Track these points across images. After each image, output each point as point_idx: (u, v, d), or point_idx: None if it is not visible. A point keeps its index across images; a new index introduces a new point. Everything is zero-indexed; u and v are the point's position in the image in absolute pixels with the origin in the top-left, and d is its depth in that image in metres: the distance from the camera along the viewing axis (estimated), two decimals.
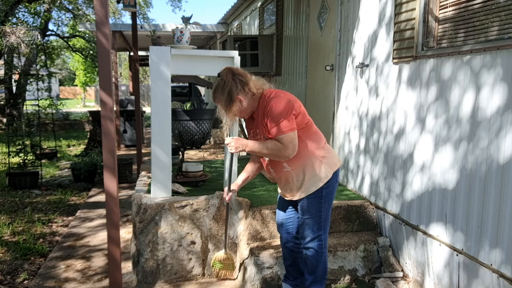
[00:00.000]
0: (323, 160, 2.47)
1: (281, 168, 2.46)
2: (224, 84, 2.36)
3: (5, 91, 13.15)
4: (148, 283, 3.24)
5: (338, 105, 4.22)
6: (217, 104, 2.46)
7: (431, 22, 2.89)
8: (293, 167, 2.43)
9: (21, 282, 3.46)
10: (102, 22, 2.70)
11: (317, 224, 2.51)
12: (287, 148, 2.30)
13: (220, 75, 2.41)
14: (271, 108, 2.30)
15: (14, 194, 6.21)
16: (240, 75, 2.39)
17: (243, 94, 2.36)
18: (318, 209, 2.49)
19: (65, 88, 40.17)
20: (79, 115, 18.81)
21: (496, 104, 2.31)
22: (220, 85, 2.39)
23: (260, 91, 2.41)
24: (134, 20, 6.64)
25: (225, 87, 2.35)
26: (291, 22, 5.75)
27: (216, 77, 2.48)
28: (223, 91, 2.36)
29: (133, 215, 3.33)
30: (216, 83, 2.43)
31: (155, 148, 3.31)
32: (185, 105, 4.12)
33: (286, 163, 2.43)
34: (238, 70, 2.43)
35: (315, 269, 2.58)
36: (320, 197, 2.47)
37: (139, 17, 19.67)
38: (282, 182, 2.55)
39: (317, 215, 2.50)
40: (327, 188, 2.48)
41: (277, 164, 2.46)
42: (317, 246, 2.54)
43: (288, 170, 2.45)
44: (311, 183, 2.45)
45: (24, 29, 9.29)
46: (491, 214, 2.37)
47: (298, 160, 2.42)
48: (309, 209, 2.49)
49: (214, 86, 2.45)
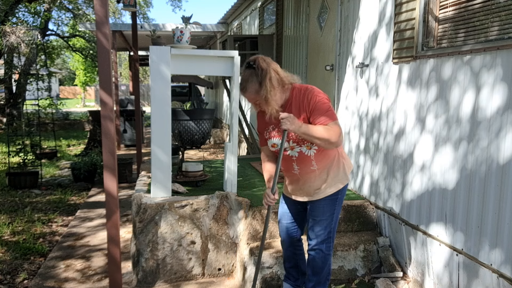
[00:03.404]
0: (344, 161, 2.47)
1: (308, 165, 2.39)
2: (261, 72, 2.22)
3: (5, 90, 13.16)
4: (148, 283, 3.24)
5: (338, 105, 4.22)
6: (247, 95, 2.30)
7: (431, 22, 2.89)
8: (320, 165, 2.38)
9: (21, 282, 3.46)
10: (102, 22, 2.69)
11: (329, 226, 2.47)
12: (339, 133, 2.23)
13: (253, 64, 2.25)
14: (317, 98, 2.25)
15: (14, 193, 6.21)
16: (274, 64, 2.29)
17: (277, 83, 2.26)
18: (332, 211, 2.45)
19: (65, 87, 40.17)
20: (79, 115, 18.80)
21: (496, 104, 2.31)
22: (253, 74, 2.23)
23: (290, 83, 2.34)
24: (134, 20, 6.64)
25: (263, 75, 2.21)
26: (291, 22, 5.75)
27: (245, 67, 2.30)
28: (258, 79, 2.22)
29: (133, 215, 3.33)
30: (248, 72, 2.26)
31: (155, 148, 3.31)
32: (185, 105, 4.12)
33: (314, 161, 2.37)
34: (270, 59, 2.31)
35: (321, 271, 2.54)
36: (335, 199, 2.44)
37: (139, 17, 19.69)
38: (300, 182, 2.46)
39: (329, 218, 2.46)
40: (343, 190, 2.46)
41: (306, 161, 2.38)
42: (325, 248, 2.49)
43: (314, 169, 2.39)
44: (332, 183, 2.42)
45: (24, 28, 9.30)
46: (491, 214, 2.37)
47: (326, 159, 2.38)
48: (324, 211, 2.45)
49: (244, 75, 2.28)
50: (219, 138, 10.76)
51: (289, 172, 2.50)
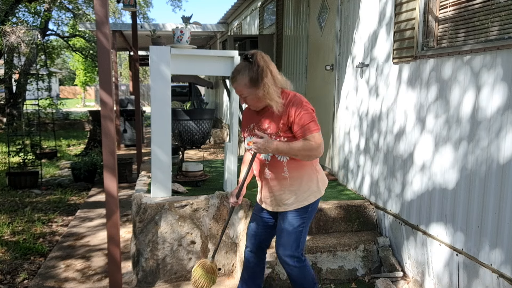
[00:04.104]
0: (318, 175, 2.41)
1: (280, 171, 2.34)
2: (257, 67, 2.20)
3: (5, 90, 13.16)
4: (148, 283, 3.24)
5: (338, 105, 4.22)
6: (235, 87, 2.29)
7: (431, 22, 2.89)
8: (292, 173, 2.33)
9: (21, 282, 3.46)
10: (102, 22, 2.69)
11: (297, 239, 2.38)
12: (320, 146, 2.20)
13: (250, 57, 2.22)
14: (302, 106, 2.22)
15: (14, 193, 6.21)
16: (271, 63, 2.27)
17: (270, 82, 2.23)
18: (301, 224, 2.38)
19: (65, 87, 40.17)
20: (79, 114, 18.80)
21: (496, 104, 2.31)
22: (247, 67, 2.22)
23: (280, 87, 2.30)
24: (134, 20, 6.63)
25: (258, 71, 2.19)
26: (291, 22, 5.75)
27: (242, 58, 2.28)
28: (252, 73, 2.20)
29: (133, 214, 3.33)
30: (243, 64, 2.25)
31: (155, 148, 3.31)
32: (185, 104, 4.12)
33: (286, 167, 2.32)
34: (269, 58, 2.29)
35: (303, 282, 2.47)
36: (305, 211, 2.38)
37: (139, 17, 19.69)
38: (271, 188, 2.40)
39: (298, 230, 2.38)
40: (314, 204, 2.40)
41: (278, 166, 2.33)
42: (294, 261, 2.40)
43: (285, 176, 2.33)
44: (304, 196, 2.36)
45: (24, 28, 9.30)
46: (491, 214, 2.37)
47: (300, 169, 2.33)
48: (292, 223, 2.37)
49: (238, 66, 2.27)
50: (219, 138, 10.76)
51: (261, 176, 2.46)
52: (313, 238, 3.35)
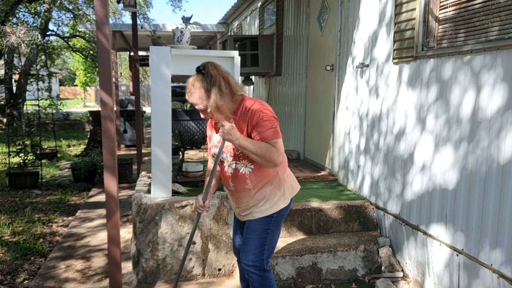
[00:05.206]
0: (285, 184, 2.38)
1: (243, 183, 2.31)
2: (211, 79, 2.18)
3: (5, 91, 13.16)
4: (148, 283, 3.24)
5: (338, 105, 4.22)
6: (192, 100, 2.24)
7: (431, 22, 2.89)
8: (256, 185, 2.30)
9: (21, 282, 3.46)
10: (102, 22, 2.69)
11: (260, 246, 2.34)
12: (280, 153, 2.17)
13: (202, 69, 2.20)
14: (262, 113, 2.18)
15: (14, 194, 6.20)
16: (224, 72, 2.25)
17: (226, 91, 2.21)
18: (265, 232, 2.34)
19: (65, 88, 40.19)
20: (79, 115, 18.80)
21: (497, 104, 2.31)
22: (201, 79, 2.19)
23: (239, 94, 2.27)
24: (134, 20, 6.64)
25: (212, 82, 2.17)
26: (291, 22, 5.75)
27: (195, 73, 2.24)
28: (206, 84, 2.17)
29: (133, 215, 3.33)
30: (196, 76, 2.22)
31: (155, 148, 3.31)
32: (185, 105, 4.12)
33: (249, 179, 2.28)
34: (221, 67, 2.27)
35: None
36: (270, 219, 2.34)
37: (139, 17, 19.69)
38: (238, 200, 2.39)
39: (262, 237, 2.34)
40: (281, 212, 2.37)
41: (240, 179, 2.31)
42: (255, 270, 2.35)
43: (249, 187, 2.31)
44: (268, 206, 2.32)
45: (24, 29, 9.30)
46: (491, 214, 2.36)
47: (263, 179, 2.29)
48: (255, 229, 2.35)
49: (191, 80, 2.23)
50: None
51: (227, 188, 2.45)
52: (313, 238, 3.35)
